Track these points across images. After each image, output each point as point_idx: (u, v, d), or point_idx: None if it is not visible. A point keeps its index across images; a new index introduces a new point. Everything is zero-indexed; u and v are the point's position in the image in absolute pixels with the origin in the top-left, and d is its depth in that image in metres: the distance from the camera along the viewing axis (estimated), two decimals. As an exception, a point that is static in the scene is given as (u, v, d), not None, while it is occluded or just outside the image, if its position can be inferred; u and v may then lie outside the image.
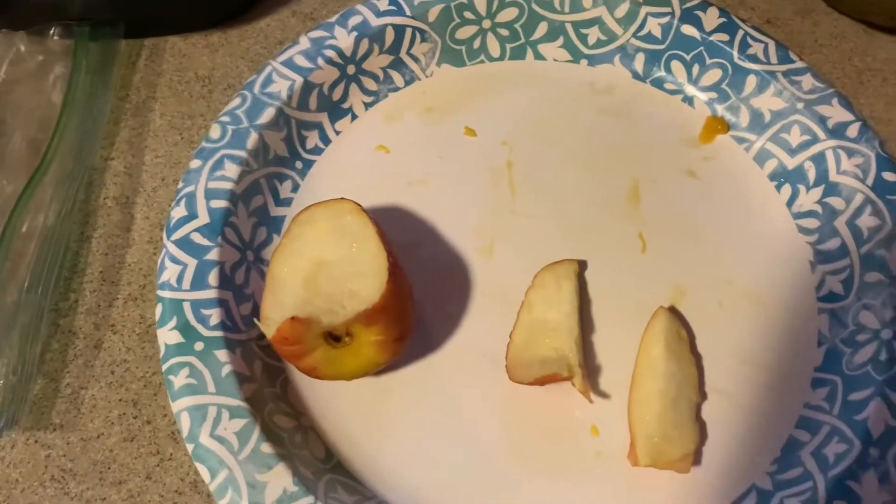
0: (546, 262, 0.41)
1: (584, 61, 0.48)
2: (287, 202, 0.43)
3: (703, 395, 0.38)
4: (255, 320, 0.34)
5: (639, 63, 0.47)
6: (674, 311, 0.40)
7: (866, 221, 0.40)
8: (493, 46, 0.48)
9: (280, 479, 0.33)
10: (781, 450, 0.36)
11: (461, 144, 0.45)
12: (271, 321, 0.34)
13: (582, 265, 0.41)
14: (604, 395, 0.38)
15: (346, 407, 0.38)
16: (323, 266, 0.36)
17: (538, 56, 0.48)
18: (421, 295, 0.40)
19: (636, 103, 0.47)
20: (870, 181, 0.41)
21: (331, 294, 0.35)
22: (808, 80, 0.44)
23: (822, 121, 0.43)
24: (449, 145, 0.45)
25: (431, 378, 0.38)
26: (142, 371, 0.39)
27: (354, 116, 0.46)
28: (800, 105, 0.43)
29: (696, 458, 0.36)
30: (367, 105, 0.46)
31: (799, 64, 0.45)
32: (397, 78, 0.47)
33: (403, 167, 0.44)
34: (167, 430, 0.37)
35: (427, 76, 0.47)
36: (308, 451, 0.36)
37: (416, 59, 0.47)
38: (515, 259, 0.42)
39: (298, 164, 0.44)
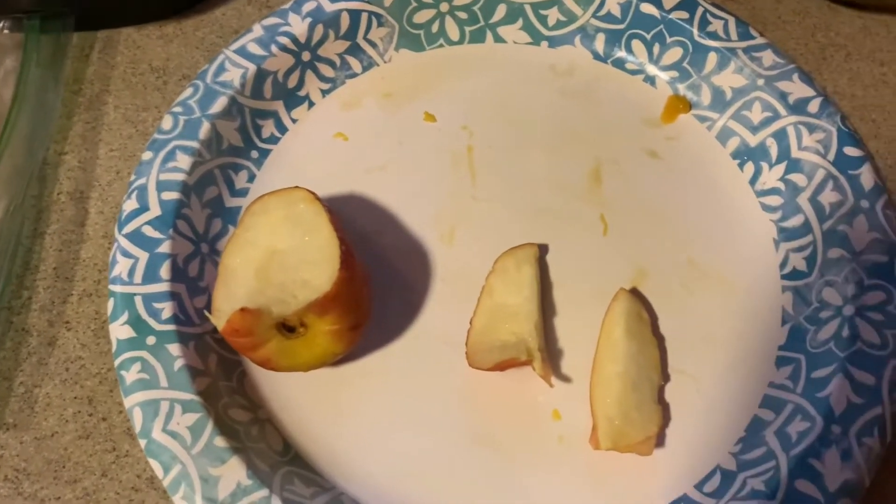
0: (507, 247, 0.40)
1: (544, 43, 0.47)
2: (243, 192, 0.42)
3: (665, 377, 0.38)
4: (206, 312, 0.34)
5: (599, 43, 0.47)
6: (635, 293, 0.40)
7: (828, 197, 0.40)
8: (452, 30, 0.47)
9: (234, 472, 0.33)
10: (746, 430, 0.36)
11: (421, 130, 0.45)
12: (222, 313, 0.33)
13: (543, 249, 0.41)
14: (565, 378, 0.38)
15: (305, 398, 0.37)
16: (275, 256, 0.35)
17: (498, 39, 0.48)
18: (381, 283, 0.40)
19: (597, 84, 0.46)
20: (831, 156, 0.40)
21: (283, 284, 0.34)
22: (768, 57, 0.43)
23: (783, 97, 0.42)
24: (408, 131, 0.45)
25: (391, 366, 0.38)
26: (97, 367, 0.38)
27: (311, 104, 0.45)
28: (760, 81, 0.43)
29: (660, 441, 0.36)
30: (325, 92, 0.45)
31: (759, 40, 0.44)
32: (354, 64, 0.46)
33: (362, 154, 0.44)
34: (123, 426, 0.37)
35: (385, 61, 0.47)
36: (265, 444, 0.35)
37: (373, 45, 0.46)
38: (476, 244, 0.41)
39: (254, 154, 0.43)
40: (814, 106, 0.42)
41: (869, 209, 0.39)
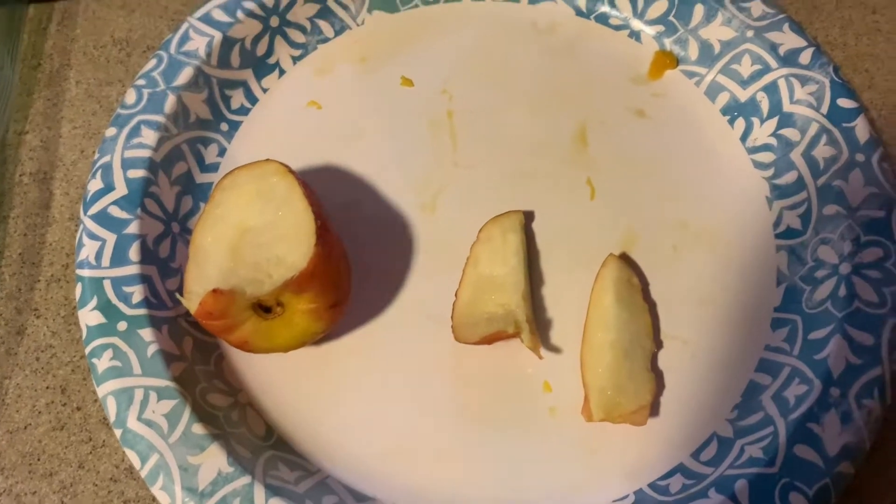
0: (491, 215, 0.39)
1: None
2: (213, 167, 0.40)
3: (658, 344, 0.36)
4: (178, 295, 0.32)
5: (582, -2, 0.45)
6: (625, 258, 0.38)
7: (822, 152, 0.38)
8: (428, -11, 0.45)
9: (214, 460, 0.32)
10: (742, 395, 0.35)
11: (398, 95, 0.43)
12: (194, 295, 0.32)
13: (529, 216, 0.39)
14: (555, 349, 0.36)
15: (287, 380, 0.36)
16: (248, 233, 0.33)
17: (476, -4, 0.46)
18: (361, 256, 0.38)
19: (581, 41, 0.44)
20: (824, 109, 0.39)
21: (256, 262, 0.33)
22: (757, 6, 0.42)
23: (773, 48, 0.41)
24: (385, 97, 0.43)
25: (375, 343, 0.37)
26: (69, 355, 0.37)
27: (282, 72, 0.43)
28: (750, 33, 0.41)
29: (654, 409, 0.35)
30: (296, 59, 0.43)
31: (748, -11, 0.42)
32: (326, 28, 0.44)
33: (337, 123, 0.42)
34: (98, 415, 0.35)
35: (358, 24, 0.45)
36: (246, 429, 0.34)
37: (344, 7, 0.44)
38: (459, 213, 0.40)
39: (224, 127, 0.41)
40: (805, 57, 0.40)
41: (864, 163, 0.37)
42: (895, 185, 0.37)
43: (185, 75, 0.39)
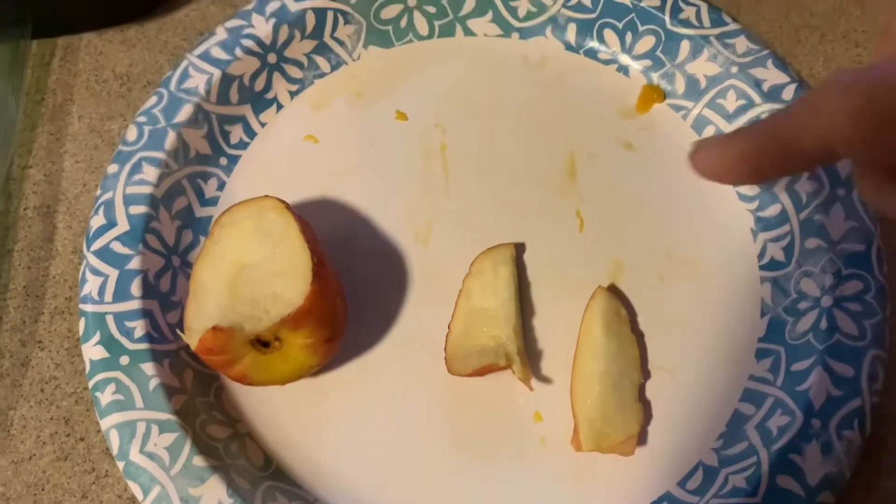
0: (484, 246, 0.40)
1: (515, 35, 0.46)
2: (213, 201, 0.41)
3: (646, 374, 0.37)
4: (179, 331, 0.33)
5: (571, 33, 0.46)
6: (613, 290, 0.39)
7: (805, 186, 0.39)
8: (421, 24, 0.46)
9: (214, 491, 0.33)
10: (727, 424, 0.36)
11: (393, 129, 0.44)
12: (194, 332, 0.33)
13: (520, 248, 0.40)
14: (546, 380, 0.37)
15: (285, 410, 0.37)
16: (246, 269, 0.34)
17: (468, 32, 0.47)
18: (356, 289, 0.39)
19: (570, 75, 0.45)
20: (806, 144, 0.40)
21: (254, 299, 0.34)
22: (742, 43, 0.43)
23: (757, 84, 0.42)
24: (380, 131, 0.44)
25: (370, 375, 0.38)
26: (72, 387, 0.38)
27: (280, 106, 0.44)
28: (734, 69, 0.42)
29: (641, 439, 0.36)
30: (293, 94, 0.44)
31: (733, 26, 0.43)
32: (323, 63, 0.45)
33: (333, 157, 0.43)
34: (101, 446, 0.36)
35: (354, 59, 0.46)
36: (245, 460, 0.35)
37: (341, 43, 0.45)
38: (452, 245, 0.41)
39: (223, 161, 0.42)
40: (788, 93, 0.41)
41: (845, 197, 0.38)
42: (875, 219, 0.38)
43: (185, 112, 0.41)
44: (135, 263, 0.37)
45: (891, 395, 0.37)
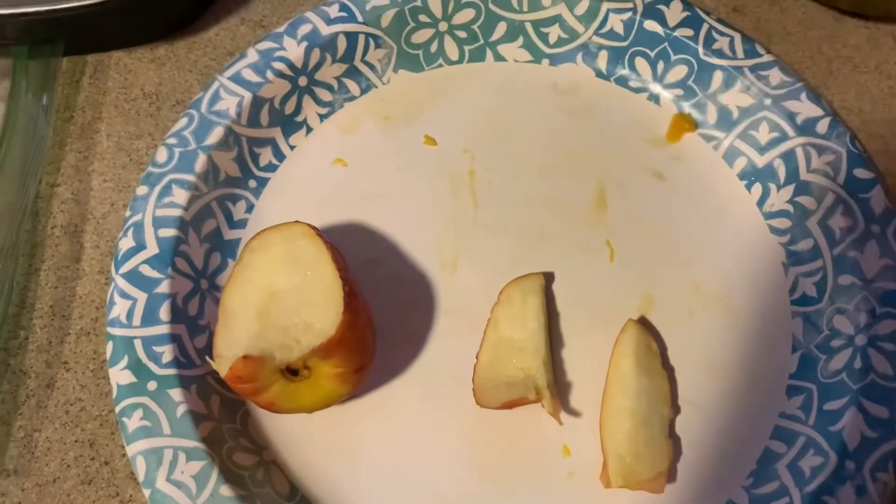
0: (512, 276, 0.40)
1: (545, 61, 0.46)
2: (241, 224, 0.41)
3: (675, 409, 0.37)
4: (208, 358, 0.33)
5: (602, 61, 0.46)
6: (644, 322, 0.39)
7: (838, 221, 0.39)
8: (452, 49, 0.46)
9: (240, 522, 0.32)
10: (757, 462, 0.36)
11: (421, 154, 0.44)
12: (224, 359, 0.33)
13: (549, 277, 0.40)
14: (575, 413, 0.37)
15: (311, 438, 0.37)
16: (276, 296, 0.34)
17: (498, 57, 0.46)
18: (383, 315, 0.39)
19: (600, 103, 0.45)
20: (841, 179, 0.40)
21: (285, 327, 0.33)
22: (775, 75, 0.43)
23: (790, 117, 0.41)
24: (408, 155, 0.44)
25: (397, 403, 0.37)
26: (97, 409, 0.37)
27: (309, 129, 0.44)
28: (768, 101, 0.42)
29: (671, 476, 0.36)
30: (322, 117, 0.44)
31: (766, 58, 0.43)
32: (353, 87, 0.45)
33: (362, 180, 0.43)
34: (125, 470, 0.36)
35: (384, 83, 0.46)
36: (271, 488, 0.35)
37: (371, 67, 0.45)
38: (480, 274, 0.40)
39: (252, 183, 0.42)
40: (822, 126, 0.41)
41: (880, 234, 0.38)
42: (910, 257, 0.38)
43: (215, 135, 0.40)
44: (164, 287, 0.37)
45: (925, 437, 0.36)
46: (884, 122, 0.45)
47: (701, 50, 0.43)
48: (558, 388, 0.37)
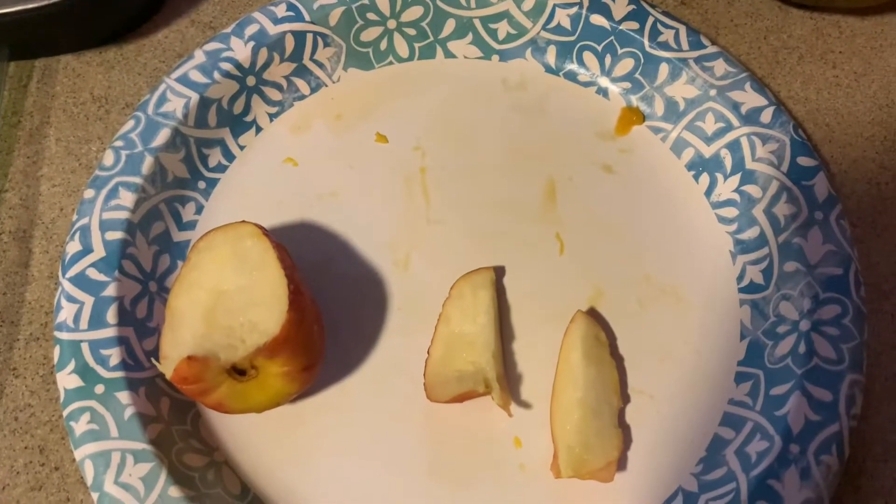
0: (464, 271, 0.40)
1: (495, 57, 0.47)
2: (191, 225, 0.41)
3: (625, 399, 0.37)
4: (153, 360, 0.33)
5: (551, 56, 0.46)
6: (593, 314, 0.39)
7: (783, 209, 0.39)
8: (401, 47, 0.46)
9: (189, 523, 0.32)
10: (706, 449, 0.36)
11: (373, 152, 0.44)
12: (170, 360, 0.32)
13: (500, 272, 0.40)
14: (526, 405, 0.37)
15: (262, 438, 0.37)
16: (223, 296, 0.34)
17: (448, 54, 0.47)
18: (335, 314, 0.39)
19: (550, 98, 0.45)
20: (785, 167, 0.40)
21: (230, 327, 0.33)
22: (720, 66, 0.43)
23: (735, 107, 0.42)
24: (360, 154, 0.44)
25: (349, 401, 0.37)
26: (47, 415, 0.37)
27: (259, 129, 0.44)
28: (713, 92, 0.42)
29: (621, 464, 0.36)
30: (272, 116, 0.44)
31: (711, 49, 0.44)
32: (302, 86, 0.45)
33: (313, 180, 0.43)
34: (76, 475, 0.36)
35: (334, 82, 0.46)
36: (222, 489, 0.35)
37: (320, 65, 0.45)
38: (432, 270, 0.40)
39: (201, 185, 0.42)
40: (766, 116, 0.41)
41: (823, 220, 0.39)
42: (852, 243, 0.38)
43: (162, 136, 0.40)
44: (111, 290, 0.37)
45: (868, 420, 0.37)
46: (829, 111, 0.45)
47: (647, 43, 0.44)
48: (509, 381, 0.38)
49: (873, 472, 0.36)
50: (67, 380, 0.35)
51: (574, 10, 0.45)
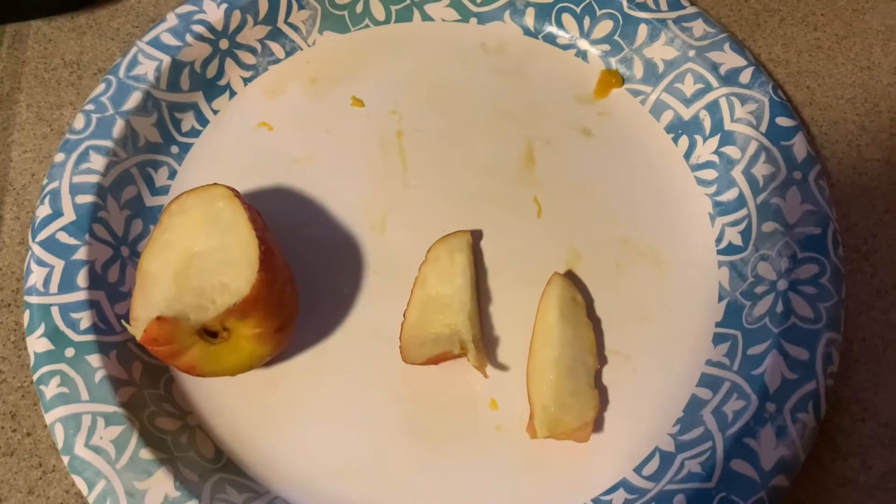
0: (441, 235, 0.39)
1: (473, 20, 0.46)
2: (164, 190, 0.40)
3: (602, 360, 0.37)
4: (124, 322, 0.32)
5: (529, 18, 0.45)
6: (570, 276, 0.39)
7: (761, 169, 0.39)
8: (378, 9, 0.46)
9: (161, 485, 0.32)
10: (684, 410, 0.36)
11: (349, 116, 0.43)
12: (140, 322, 0.32)
13: (477, 235, 0.40)
14: (502, 367, 0.37)
15: (237, 401, 0.36)
16: (194, 258, 0.34)
17: (425, 17, 0.46)
18: (311, 277, 0.39)
19: (529, 61, 0.45)
20: (763, 128, 0.40)
21: (201, 288, 0.33)
22: (699, 26, 0.43)
23: (714, 68, 0.41)
24: (336, 118, 0.43)
25: (324, 364, 0.37)
26: (19, 381, 0.37)
27: (233, 93, 0.43)
28: (692, 53, 0.42)
29: (598, 425, 0.36)
30: (246, 80, 0.44)
31: (690, 10, 0.43)
32: (277, 49, 0.44)
33: (288, 144, 0.42)
34: (48, 441, 0.36)
35: (309, 45, 0.45)
36: (195, 452, 0.34)
37: (295, 28, 0.44)
38: (409, 233, 0.40)
39: (174, 149, 0.41)
40: (745, 76, 0.41)
41: (801, 180, 0.38)
42: (831, 202, 0.38)
43: (133, 100, 0.40)
44: (81, 254, 0.36)
45: (845, 378, 0.37)
46: (810, 73, 0.45)
47: (625, 4, 0.43)
48: (486, 343, 0.37)
49: (851, 431, 0.36)
50: (37, 343, 0.34)
51: (552, -30, 0.44)
